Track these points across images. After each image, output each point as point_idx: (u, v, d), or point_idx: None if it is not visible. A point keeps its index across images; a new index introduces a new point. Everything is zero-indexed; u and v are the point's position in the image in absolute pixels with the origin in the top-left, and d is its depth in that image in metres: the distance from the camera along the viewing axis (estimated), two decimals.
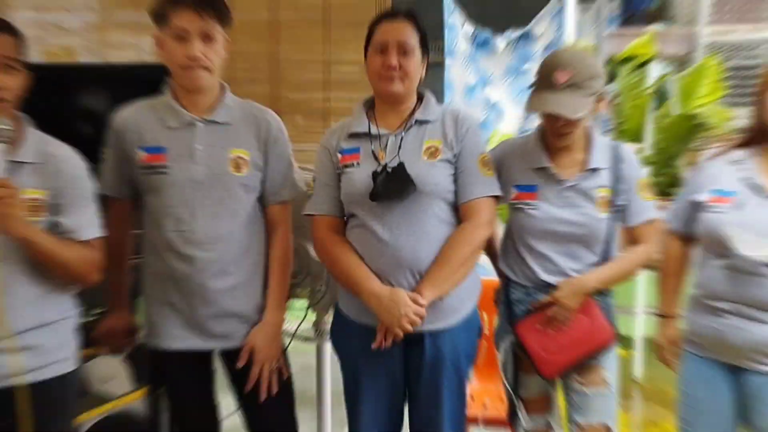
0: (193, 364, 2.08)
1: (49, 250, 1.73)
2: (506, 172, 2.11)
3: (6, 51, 1.70)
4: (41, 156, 1.77)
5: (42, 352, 1.78)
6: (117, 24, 3.07)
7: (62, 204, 1.78)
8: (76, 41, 3.04)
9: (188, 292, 1.99)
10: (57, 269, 1.77)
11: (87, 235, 1.82)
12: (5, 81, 1.69)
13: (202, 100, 1.99)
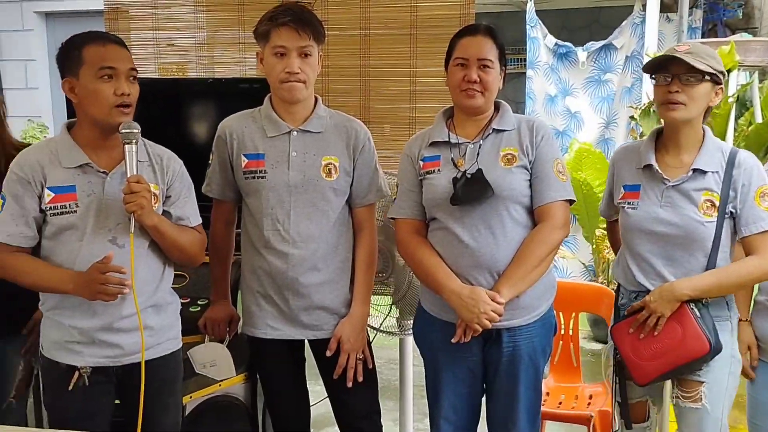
0: (285, 352, 2.25)
1: (172, 236, 1.93)
2: (617, 174, 2.17)
3: (131, 64, 1.89)
4: (151, 156, 1.98)
5: (156, 331, 1.96)
6: (223, 42, 3.29)
7: (172, 196, 1.99)
8: (186, 58, 3.29)
9: (283, 286, 2.15)
10: (176, 252, 1.97)
11: (195, 221, 2.04)
12: (132, 90, 1.88)
13: (298, 111, 2.14)
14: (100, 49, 1.85)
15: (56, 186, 1.87)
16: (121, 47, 1.90)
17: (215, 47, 3.32)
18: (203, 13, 3.33)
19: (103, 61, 1.84)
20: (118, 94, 1.84)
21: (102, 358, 1.91)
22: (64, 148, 1.90)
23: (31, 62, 6.11)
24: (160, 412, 2.01)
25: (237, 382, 2.42)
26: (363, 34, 3.11)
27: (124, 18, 3.39)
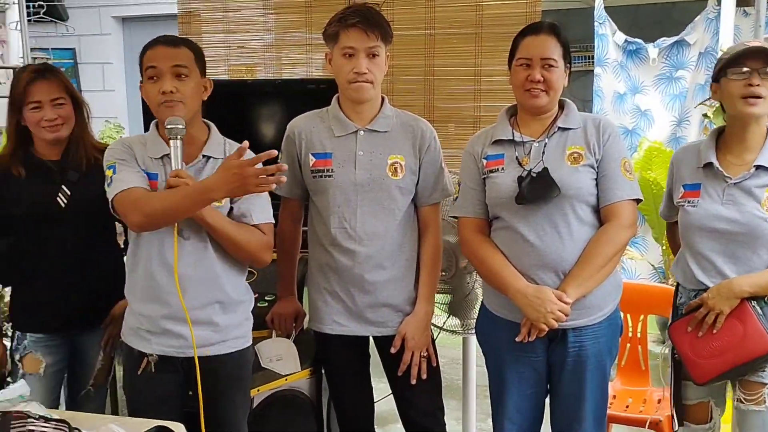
0: (351, 348, 2.28)
1: (226, 231, 1.93)
2: (677, 174, 2.14)
3: (179, 61, 1.93)
4: (224, 152, 2.01)
5: (222, 328, 2.00)
6: (290, 43, 3.37)
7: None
8: (255, 60, 3.37)
9: (349, 282, 2.19)
10: (232, 248, 1.96)
11: (257, 219, 1.99)
12: (178, 86, 1.91)
13: (365, 111, 2.18)
14: (150, 51, 1.95)
15: (144, 171, 1.97)
16: (169, 47, 1.95)
17: (282, 49, 3.40)
18: (271, 15, 3.41)
19: (148, 62, 1.94)
20: (161, 92, 1.90)
21: (168, 348, 1.98)
22: (151, 139, 2.00)
23: (108, 65, 6.37)
24: (227, 407, 2.06)
25: (302, 377, 2.47)
26: (428, 33, 3.12)
27: (196, 21, 3.51)
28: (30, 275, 2.21)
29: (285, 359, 2.43)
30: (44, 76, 2.17)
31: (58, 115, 2.17)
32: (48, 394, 2.24)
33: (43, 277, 2.21)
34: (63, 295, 2.21)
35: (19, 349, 2.26)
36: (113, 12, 6.27)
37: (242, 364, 2.09)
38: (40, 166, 2.20)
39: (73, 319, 2.25)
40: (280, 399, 2.43)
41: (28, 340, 2.25)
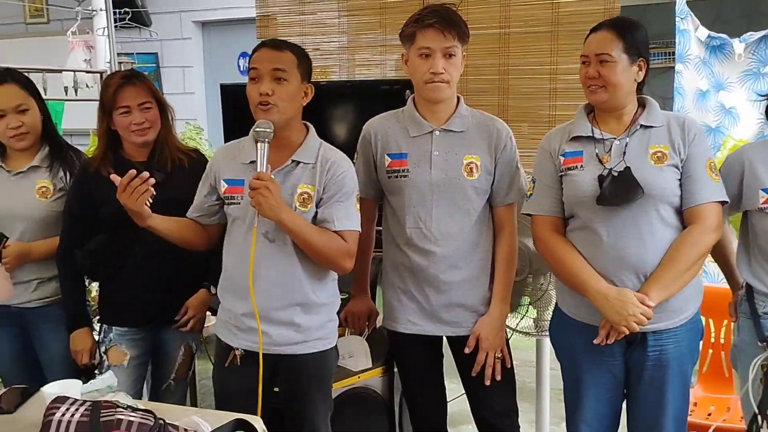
0: (424, 347, 2.29)
1: (303, 235, 1.95)
2: (751, 176, 2.03)
3: (280, 65, 1.97)
4: (316, 157, 2.03)
5: (304, 329, 2.04)
6: (364, 45, 3.40)
7: (324, 198, 2.02)
8: (330, 61, 3.42)
9: (423, 282, 2.20)
10: (310, 252, 1.98)
11: (340, 226, 2.00)
12: (276, 89, 1.95)
13: (441, 111, 2.18)
14: (256, 53, 2.00)
15: (229, 178, 2.04)
16: (272, 50, 1.99)
17: (356, 50, 3.43)
18: (346, 17, 3.45)
19: (252, 64, 1.99)
20: (258, 94, 1.95)
21: (252, 343, 2.03)
22: (247, 143, 2.05)
23: (189, 68, 6.57)
24: (307, 406, 2.10)
25: (375, 375, 2.49)
26: (503, 32, 3.10)
27: (273, 25, 3.59)
28: (117, 272, 2.31)
29: (357, 356, 2.47)
30: (132, 82, 2.26)
31: (145, 119, 2.26)
32: (131, 385, 2.33)
33: (129, 273, 2.30)
34: (147, 291, 2.30)
35: (105, 342, 2.37)
36: (194, 17, 6.46)
37: (324, 365, 2.12)
38: (129, 168, 2.28)
39: (156, 314, 2.33)
40: (353, 396, 2.47)
41: (114, 334, 2.35)
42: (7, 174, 2.41)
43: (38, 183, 2.39)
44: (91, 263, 2.30)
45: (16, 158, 2.42)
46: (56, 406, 1.49)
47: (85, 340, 2.37)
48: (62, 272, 2.37)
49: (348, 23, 3.45)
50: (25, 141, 2.38)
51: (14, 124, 2.34)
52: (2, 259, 2.24)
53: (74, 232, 2.32)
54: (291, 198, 1.99)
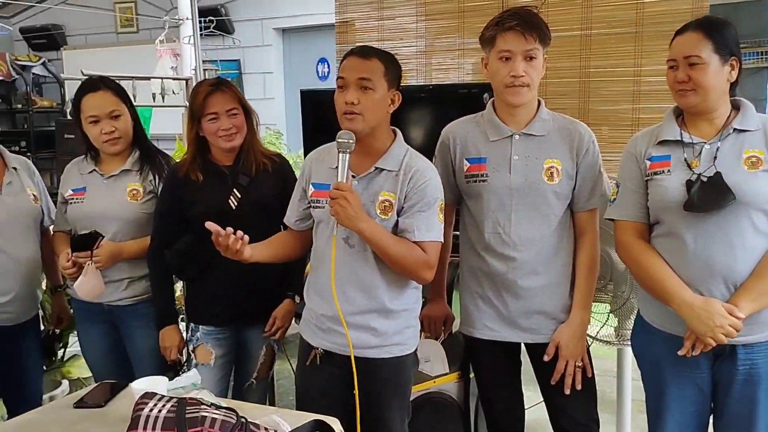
0: (502, 353, 2.26)
1: (381, 244, 1.95)
2: None
3: (365, 74, 1.98)
4: (400, 165, 2.02)
5: (380, 333, 2.04)
6: (441, 49, 3.40)
7: (404, 207, 2.01)
8: (407, 66, 3.43)
9: (502, 288, 2.18)
10: (387, 261, 1.99)
11: (420, 237, 1.98)
12: (361, 98, 1.96)
13: (521, 115, 2.15)
14: (344, 61, 2.03)
15: (316, 182, 2.08)
16: (360, 58, 2.00)
17: (433, 54, 3.44)
18: (424, 22, 3.45)
19: (340, 72, 2.02)
20: (348, 103, 1.96)
21: (331, 344, 2.07)
22: (332, 150, 2.04)
23: (269, 75, 6.73)
24: (384, 410, 2.11)
25: (451, 380, 2.48)
26: (584, 34, 3.04)
27: (351, 30, 3.63)
28: (203, 271, 2.39)
29: (433, 361, 2.46)
30: (220, 89, 2.34)
31: (232, 125, 2.33)
32: (217, 384, 2.40)
33: (214, 273, 2.38)
34: (232, 291, 2.37)
35: (193, 341, 2.45)
36: (274, 24, 6.62)
37: (401, 370, 2.12)
38: (216, 171, 2.38)
39: (239, 314, 2.40)
40: (429, 401, 2.46)
41: (200, 332, 2.43)
42: (101, 177, 2.52)
43: (129, 186, 2.50)
44: (179, 263, 2.39)
45: (109, 162, 2.54)
46: (144, 402, 1.54)
47: (174, 336, 2.45)
48: (152, 271, 2.46)
49: (426, 27, 3.45)
50: (117, 146, 2.49)
51: (108, 129, 2.45)
52: (94, 258, 2.37)
53: (164, 233, 2.41)
54: (372, 205, 2.00)
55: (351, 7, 3.62)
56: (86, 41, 7.47)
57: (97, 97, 2.46)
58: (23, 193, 2.54)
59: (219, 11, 6.52)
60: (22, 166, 2.60)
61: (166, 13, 6.30)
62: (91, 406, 1.90)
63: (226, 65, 6.56)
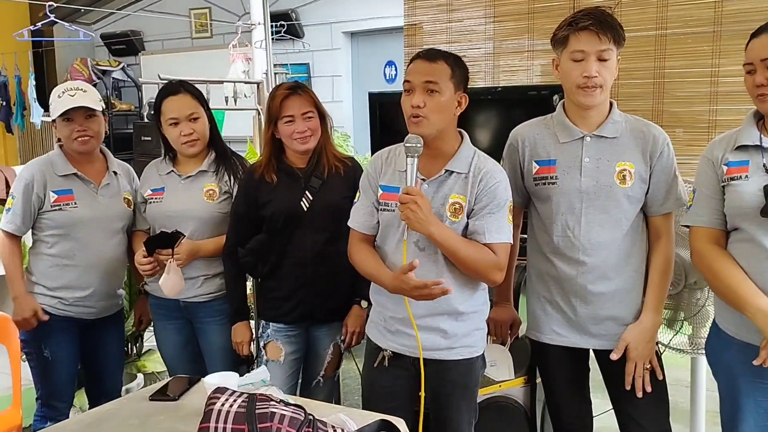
0: (569, 359, 2.23)
1: (451, 247, 1.96)
2: None
3: (431, 77, 1.98)
4: (469, 167, 2.04)
5: (450, 335, 2.05)
6: (509, 51, 3.38)
7: (475, 209, 2.02)
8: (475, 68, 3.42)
9: (570, 293, 2.15)
10: (457, 263, 2.01)
11: (490, 239, 1.99)
12: (427, 101, 1.96)
13: (592, 117, 2.11)
14: (410, 65, 2.05)
15: (385, 185, 2.09)
16: (426, 61, 2.00)
17: (501, 56, 3.42)
18: (492, 24, 3.44)
19: (406, 76, 2.03)
20: (414, 107, 1.97)
21: (400, 346, 2.08)
22: (400, 152, 2.07)
23: (337, 78, 6.81)
24: (451, 412, 2.11)
25: (516, 385, 2.46)
26: (659, 34, 2.97)
27: (420, 33, 3.65)
28: (274, 270, 2.45)
29: (499, 365, 2.44)
30: (297, 93, 2.39)
31: (307, 128, 2.38)
32: (287, 380, 2.45)
33: (285, 272, 2.43)
34: (302, 290, 2.42)
35: (263, 337, 2.51)
36: (343, 27, 6.70)
37: (469, 373, 2.12)
38: (289, 173, 2.43)
39: (309, 312, 2.44)
40: (494, 405, 2.45)
41: (271, 329, 2.49)
42: (178, 178, 2.61)
43: (206, 186, 2.57)
44: (252, 261, 2.45)
45: (186, 163, 2.62)
46: (216, 396, 1.59)
47: (245, 332, 2.52)
48: (226, 268, 2.53)
49: (494, 29, 3.43)
50: (195, 147, 2.57)
51: (186, 131, 2.54)
52: (175, 256, 2.45)
53: (239, 232, 2.48)
54: (442, 208, 2.01)
55: (420, 9, 3.64)
56: (163, 46, 7.73)
57: (177, 100, 2.55)
58: (118, 196, 2.65)
59: (290, 16, 6.64)
60: (123, 171, 2.72)
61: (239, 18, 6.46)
62: (166, 399, 1.96)
63: (295, 69, 6.67)
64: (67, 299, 2.58)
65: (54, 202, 2.54)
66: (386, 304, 2.10)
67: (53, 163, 2.58)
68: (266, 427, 1.48)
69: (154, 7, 7.36)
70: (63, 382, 2.65)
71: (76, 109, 2.50)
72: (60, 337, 2.60)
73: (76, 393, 2.85)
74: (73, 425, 1.88)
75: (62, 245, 2.56)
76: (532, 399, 2.51)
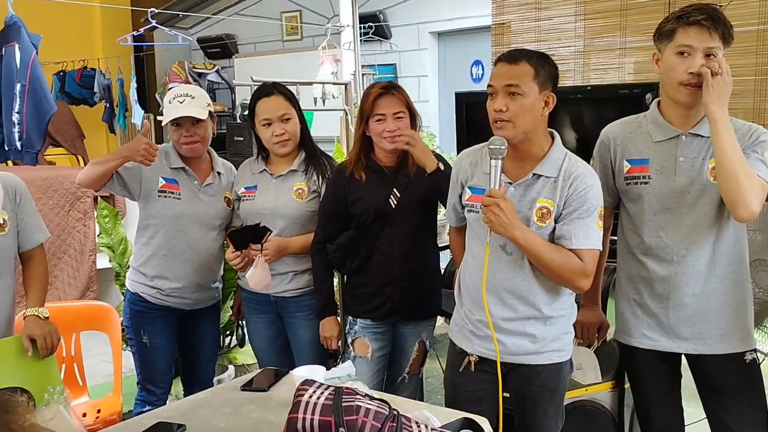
0: (660, 364, 2.17)
1: (536, 252, 1.92)
2: None
3: (512, 80, 1.93)
4: (558, 171, 1.98)
5: (538, 340, 2.03)
6: (600, 48, 3.31)
7: (564, 213, 1.97)
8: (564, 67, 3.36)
9: (662, 295, 2.09)
10: (542, 269, 1.97)
11: (577, 245, 1.94)
12: (509, 104, 1.93)
13: (690, 115, 2.04)
14: (493, 69, 2.02)
15: (474, 186, 2.09)
16: (507, 63, 1.97)
17: (591, 54, 3.34)
18: (582, 21, 3.37)
19: (490, 80, 2.01)
20: (496, 110, 1.95)
21: (487, 350, 2.06)
22: (485, 153, 2.04)
23: (424, 78, 6.83)
24: (538, 416, 2.10)
25: (604, 389, 2.41)
26: (761, 29, 2.83)
27: (507, 32, 3.61)
28: (363, 266, 2.49)
29: (585, 369, 2.40)
30: (390, 92, 2.43)
31: (397, 127, 2.41)
32: (373, 377, 2.49)
33: (373, 268, 2.47)
34: (389, 286, 2.45)
35: (351, 333, 2.56)
36: (430, 28, 6.71)
37: (558, 377, 2.09)
38: (378, 171, 2.48)
39: (395, 310, 2.47)
40: (580, 409, 2.41)
41: (358, 326, 2.53)
42: (270, 177, 2.69)
43: (296, 185, 2.64)
44: (341, 256, 2.51)
45: (278, 163, 2.70)
46: (305, 388, 1.63)
47: (333, 327, 2.57)
48: (315, 264, 2.59)
49: (585, 27, 3.37)
50: (287, 147, 2.64)
51: (279, 131, 2.61)
52: (264, 251, 2.54)
53: (327, 228, 2.54)
54: (529, 212, 1.98)
55: (508, 8, 3.60)
56: (255, 49, 7.96)
57: (270, 101, 2.63)
58: (219, 195, 2.75)
59: (378, 17, 6.71)
60: (227, 172, 2.83)
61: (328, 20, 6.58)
62: (256, 389, 2.03)
63: (382, 69, 6.73)
64: (163, 289, 2.71)
65: (161, 187, 2.66)
66: (472, 308, 2.09)
67: (167, 153, 2.71)
68: (352, 419, 1.51)
69: (248, 12, 7.59)
70: (160, 367, 2.78)
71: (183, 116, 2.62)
72: (158, 324, 2.73)
73: (173, 381, 2.99)
74: (171, 411, 1.98)
75: (162, 236, 2.68)
76: (619, 404, 2.45)
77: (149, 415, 1.98)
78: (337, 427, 1.50)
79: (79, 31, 7.76)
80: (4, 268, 2.31)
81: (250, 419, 1.85)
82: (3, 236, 2.28)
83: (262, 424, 1.81)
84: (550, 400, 2.09)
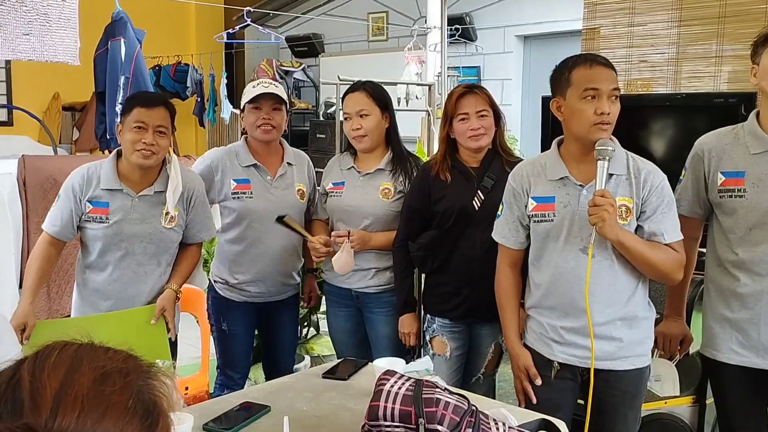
0: (748, 381, 2.11)
1: (639, 251, 1.94)
2: None
3: (614, 84, 1.95)
4: (627, 168, 2.00)
5: (624, 344, 2.01)
6: (695, 56, 3.23)
7: (647, 211, 1.98)
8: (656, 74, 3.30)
9: (753, 310, 2.04)
10: (645, 268, 1.98)
11: (669, 239, 1.98)
12: (612, 109, 1.94)
13: None
14: (587, 71, 1.98)
15: (538, 196, 2.08)
16: (608, 68, 1.99)
17: (684, 62, 3.27)
18: (677, 28, 3.30)
19: (587, 83, 1.96)
20: (598, 114, 1.94)
21: (570, 356, 2.06)
22: (551, 162, 2.09)
23: (507, 81, 6.78)
24: (617, 421, 2.08)
25: (684, 404, 2.37)
26: None
27: (598, 37, 3.57)
28: (443, 266, 2.53)
29: (664, 381, 2.37)
30: (473, 91, 2.46)
31: (481, 125, 2.43)
32: (451, 375, 2.51)
33: (453, 268, 2.50)
34: (467, 287, 2.48)
35: (429, 331, 2.59)
36: (517, 31, 6.66)
37: (639, 382, 2.08)
38: (463, 172, 2.50)
39: (473, 310, 2.49)
40: (658, 422, 2.38)
41: (437, 324, 2.56)
42: (358, 174, 2.74)
43: (382, 185, 2.69)
44: (422, 255, 2.54)
45: (366, 161, 2.75)
46: (386, 378, 1.68)
47: (412, 323, 2.62)
48: (397, 261, 2.64)
49: (680, 33, 3.30)
50: (362, 143, 2.69)
51: (355, 126, 2.67)
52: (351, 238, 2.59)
53: (410, 227, 2.58)
54: None
55: (600, 13, 3.57)
56: (341, 49, 8.09)
57: (354, 97, 2.69)
58: (291, 188, 2.82)
59: (464, 20, 6.71)
60: (299, 162, 2.88)
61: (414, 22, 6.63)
62: (337, 378, 2.10)
63: (466, 72, 6.72)
64: (241, 283, 2.79)
65: (233, 189, 2.74)
66: (557, 316, 2.07)
67: (237, 154, 2.78)
68: (432, 411, 1.55)
69: (336, 12, 7.73)
70: (237, 353, 2.88)
71: (265, 96, 2.68)
72: (237, 314, 2.83)
73: (252, 367, 3.10)
74: (256, 392, 2.06)
75: (236, 232, 2.77)
76: (700, 420, 2.40)
77: (236, 394, 2.07)
78: (417, 417, 1.54)
79: (174, 28, 8.09)
80: (163, 258, 2.51)
81: (331, 405, 1.91)
82: (170, 230, 2.49)
83: (342, 410, 1.87)
84: (631, 405, 2.08)
